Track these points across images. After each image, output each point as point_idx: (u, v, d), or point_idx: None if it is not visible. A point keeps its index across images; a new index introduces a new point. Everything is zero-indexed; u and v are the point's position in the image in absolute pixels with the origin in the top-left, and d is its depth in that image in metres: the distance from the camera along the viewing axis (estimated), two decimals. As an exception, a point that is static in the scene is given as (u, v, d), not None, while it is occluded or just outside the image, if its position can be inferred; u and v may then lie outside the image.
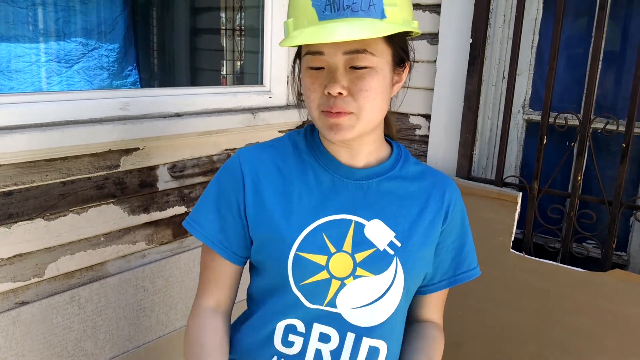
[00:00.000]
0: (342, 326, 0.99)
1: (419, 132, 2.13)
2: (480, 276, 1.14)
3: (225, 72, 3.71)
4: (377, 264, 0.98)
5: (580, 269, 1.72)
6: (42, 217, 1.44)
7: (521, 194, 1.81)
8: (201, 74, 3.85)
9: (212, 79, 3.83)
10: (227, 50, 3.67)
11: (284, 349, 1.01)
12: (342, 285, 0.97)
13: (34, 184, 1.41)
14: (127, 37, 3.47)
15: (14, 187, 1.38)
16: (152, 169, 1.70)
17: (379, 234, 0.99)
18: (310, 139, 1.06)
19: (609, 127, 1.74)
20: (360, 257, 0.97)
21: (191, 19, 3.84)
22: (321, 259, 0.96)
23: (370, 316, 0.99)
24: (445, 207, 1.05)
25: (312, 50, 0.92)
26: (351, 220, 0.99)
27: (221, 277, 1.06)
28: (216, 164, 1.89)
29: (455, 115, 1.99)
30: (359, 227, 0.99)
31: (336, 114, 0.92)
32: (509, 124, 1.88)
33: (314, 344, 0.99)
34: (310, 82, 0.94)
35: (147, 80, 3.77)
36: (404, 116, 2.16)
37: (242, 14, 3.52)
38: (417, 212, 1.03)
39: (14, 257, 1.41)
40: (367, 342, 1.00)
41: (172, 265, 1.79)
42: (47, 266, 1.48)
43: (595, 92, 1.72)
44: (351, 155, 1.02)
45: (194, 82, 3.88)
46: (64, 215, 1.49)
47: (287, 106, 2.09)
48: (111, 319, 1.65)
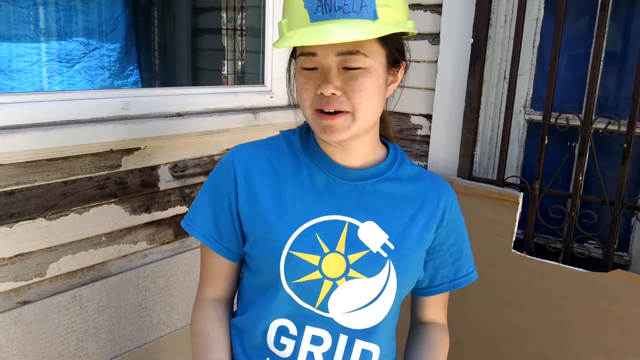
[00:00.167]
0: (335, 329, 0.99)
1: (420, 132, 2.13)
2: (481, 276, 1.14)
3: (226, 72, 3.71)
4: (370, 266, 0.97)
5: (581, 270, 1.71)
6: (44, 217, 1.44)
7: (522, 194, 1.81)
8: (202, 73, 3.85)
9: (214, 78, 3.84)
10: (228, 50, 3.67)
11: (277, 350, 1.00)
12: (334, 286, 0.96)
13: (36, 184, 1.41)
14: (128, 36, 3.47)
15: (16, 187, 1.38)
16: (154, 168, 1.70)
17: (373, 236, 0.98)
18: (305, 138, 1.06)
19: (610, 127, 1.74)
20: (353, 258, 0.97)
21: (192, 19, 3.85)
22: (314, 259, 0.96)
23: (363, 319, 0.99)
24: (441, 210, 1.05)
25: (306, 51, 0.92)
26: (345, 221, 0.98)
27: (219, 272, 1.08)
28: (217, 164, 1.89)
29: (456, 115, 1.99)
30: (353, 229, 0.98)
31: (330, 115, 0.92)
32: (510, 124, 1.88)
33: (306, 346, 0.99)
34: (303, 82, 0.94)
35: (148, 80, 3.78)
36: (405, 116, 2.16)
37: (243, 13, 3.53)
38: (411, 214, 1.02)
39: (16, 256, 1.41)
40: (359, 345, 1.00)
41: (173, 265, 1.79)
42: (48, 266, 1.48)
43: (596, 92, 1.72)
44: (346, 155, 1.02)
45: (195, 82, 3.89)
46: (66, 214, 1.49)
47: (289, 106, 2.07)
48: (112, 319, 1.65)
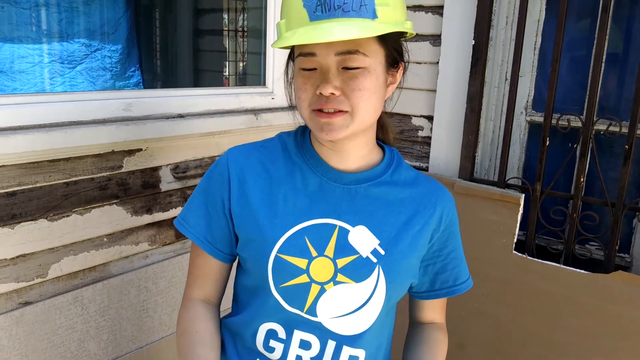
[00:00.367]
0: (323, 334, 0.98)
1: (421, 133, 2.13)
2: (482, 278, 1.14)
3: (227, 73, 3.72)
4: (358, 271, 0.96)
5: (583, 271, 1.71)
6: (46, 218, 1.45)
7: (524, 195, 1.81)
8: (204, 75, 3.86)
9: (215, 80, 3.84)
10: (229, 51, 3.67)
11: (266, 353, 1.00)
12: (322, 290, 0.95)
13: (38, 185, 1.42)
14: (130, 38, 3.47)
15: (18, 188, 1.38)
16: (155, 169, 1.70)
17: (363, 241, 0.97)
18: (300, 140, 1.05)
19: (611, 128, 1.74)
20: (341, 263, 0.96)
21: (194, 20, 3.85)
22: (302, 262, 0.95)
23: (351, 325, 0.98)
24: (437, 216, 1.03)
25: (305, 51, 0.91)
26: (335, 225, 0.97)
27: (209, 273, 1.07)
28: (219, 165, 1.89)
29: (457, 116, 1.99)
30: (343, 233, 0.97)
31: (328, 114, 0.91)
32: (512, 125, 1.88)
33: (294, 350, 0.99)
34: (302, 82, 0.93)
35: (150, 81, 3.78)
36: (407, 117, 2.16)
37: (245, 15, 3.53)
38: (405, 219, 1.00)
39: (18, 257, 1.41)
40: (347, 351, 0.99)
41: (174, 266, 1.80)
42: (50, 267, 1.48)
43: (597, 93, 1.72)
44: (341, 158, 1.01)
45: (196, 83, 3.89)
46: (67, 215, 1.49)
47: (290, 107, 2.09)
48: (114, 320, 1.65)
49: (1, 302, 1.41)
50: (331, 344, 0.99)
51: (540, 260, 1.79)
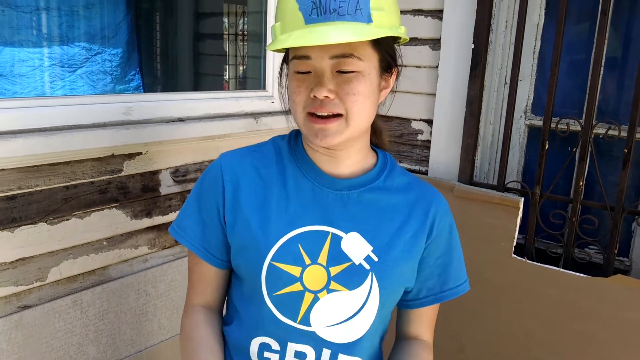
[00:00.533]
0: (318, 343, 0.97)
1: (421, 137, 2.14)
2: (482, 281, 1.13)
3: (227, 77, 3.72)
4: (351, 278, 0.95)
5: (582, 275, 1.71)
6: (45, 221, 1.45)
7: (523, 199, 1.82)
8: (204, 78, 3.86)
9: (215, 83, 3.84)
10: (229, 55, 3.68)
11: None
12: (316, 299, 0.95)
13: (37, 188, 1.42)
14: (130, 41, 3.48)
15: (18, 191, 1.38)
16: (155, 173, 1.70)
17: (356, 248, 0.96)
18: (293, 145, 1.05)
19: (610, 132, 1.75)
20: (335, 270, 0.95)
21: (194, 24, 3.86)
22: (295, 270, 0.94)
23: (345, 333, 0.97)
24: (430, 221, 1.01)
25: (299, 54, 0.91)
26: (328, 232, 0.96)
27: (207, 280, 1.06)
28: (218, 169, 1.90)
29: (457, 120, 1.99)
30: (336, 240, 0.96)
31: (323, 119, 0.90)
32: (511, 129, 1.88)
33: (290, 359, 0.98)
34: (296, 85, 0.93)
35: (150, 85, 3.78)
36: (406, 121, 2.16)
37: (245, 19, 3.54)
38: (398, 225, 0.99)
39: (17, 261, 1.41)
40: (343, 359, 0.98)
41: (174, 269, 1.79)
42: (49, 270, 1.48)
43: (597, 97, 1.72)
44: (335, 164, 1.00)
45: (196, 87, 3.89)
46: (67, 219, 1.49)
47: (285, 112, 2.09)
48: (113, 323, 1.65)
49: (0, 305, 1.41)
50: (326, 353, 0.97)
51: (539, 263, 1.79)
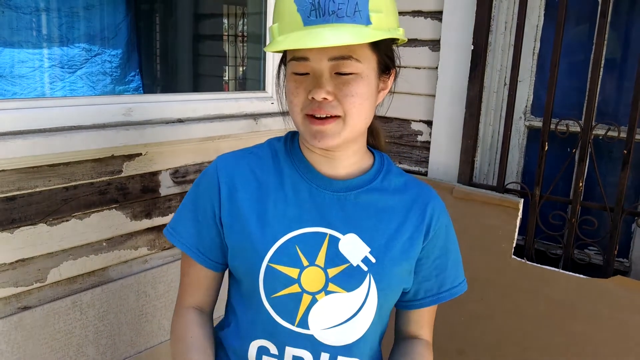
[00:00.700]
0: (316, 347, 0.96)
1: (420, 138, 2.14)
2: (481, 282, 1.13)
3: (227, 78, 3.72)
4: (349, 280, 0.95)
5: (581, 276, 1.71)
6: (45, 222, 1.45)
7: (523, 200, 1.82)
8: (203, 79, 3.86)
9: (215, 84, 3.84)
10: (229, 56, 3.68)
11: None
12: (314, 300, 0.94)
13: (37, 189, 1.42)
14: (130, 42, 3.48)
15: (17, 192, 1.38)
16: (155, 174, 1.70)
17: (354, 249, 0.96)
18: (290, 146, 1.04)
19: (610, 133, 1.75)
20: (332, 272, 0.95)
21: (194, 25, 3.86)
22: (293, 272, 0.94)
23: (343, 335, 0.97)
24: (426, 222, 1.01)
25: (298, 55, 0.90)
26: (326, 233, 0.96)
27: (200, 282, 1.06)
28: (218, 170, 1.90)
29: (456, 121, 1.99)
30: (334, 241, 0.96)
31: (321, 120, 0.90)
32: (511, 130, 1.88)
33: None
34: (294, 86, 0.92)
35: (149, 86, 3.78)
36: (406, 122, 2.16)
37: (245, 20, 3.54)
38: (395, 226, 0.99)
39: (17, 262, 1.41)
40: None
41: (173, 270, 1.79)
42: (49, 271, 1.48)
43: (596, 98, 1.72)
44: (332, 165, 1.00)
45: (196, 88, 3.89)
46: (67, 220, 1.49)
47: (282, 113, 2.09)
48: (113, 324, 1.65)
49: (0, 306, 1.41)
50: (325, 357, 0.97)
51: (539, 265, 1.79)
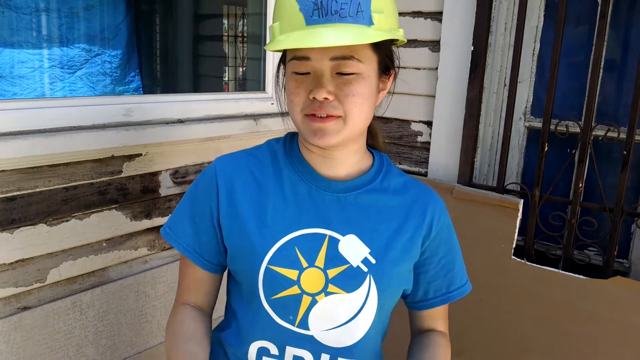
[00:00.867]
0: (316, 348, 0.96)
1: (420, 138, 2.14)
2: (481, 283, 1.13)
3: (227, 79, 3.72)
4: (349, 281, 0.94)
5: (581, 276, 1.71)
6: (45, 223, 1.45)
7: (522, 200, 1.82)
8: (203, 80, 3.86)
9: (215, 85, 3.85)
10: (229, 56, 3.68)
11: None
12: (314, 302, 0.94)
13: (37, 190, 1.42)
14: (130, 43, 3.48)
15: (17, 193, 1.38)
16: (155, 174, 1.70)
17: (353, 250, 0.95)
18: (289, 147, 1.04)
19: (610, 134, 1.75)
20: (332, 273, 0.94)
21: (194, 26, 3.86)
22: (292, 274, 0.94)
23: (344, 337, 0.96)
24: (427, 222, 1.01)
25: (299, 55, 0.90)
26: (325, 234, 0.96)
27: (198, 284, 1.05)
28: (218, 170, 1.90)
29: (456, 122, 1.99)
30: (333, 242, 0.95)
31: (321, 118, 0.90)
32: (511, 131, 1.88)
33: None
34: (295, 86, 0.92)
35: (149, 86, 3.78)
36: (406, 123, 2.16)
37: (245, 20, 3.54)
38: (395, 227, 0.99)
39: (16, 262, 1.41)
40: None
41: (173, 271, 1.79)
42: (49, 271, 1.48)
43: (596, 99, 1.72)
44: (331, 166, 0.99)
45: (196, 88, 3.90)
46: (67, 220, 1.49)
47: (282, 113, 2.09)
48: (112, 325, 1.65)
49: (0, 306, 1.41)
50: (325, 358, 0.97)
51: (539, 265, 1.79)
